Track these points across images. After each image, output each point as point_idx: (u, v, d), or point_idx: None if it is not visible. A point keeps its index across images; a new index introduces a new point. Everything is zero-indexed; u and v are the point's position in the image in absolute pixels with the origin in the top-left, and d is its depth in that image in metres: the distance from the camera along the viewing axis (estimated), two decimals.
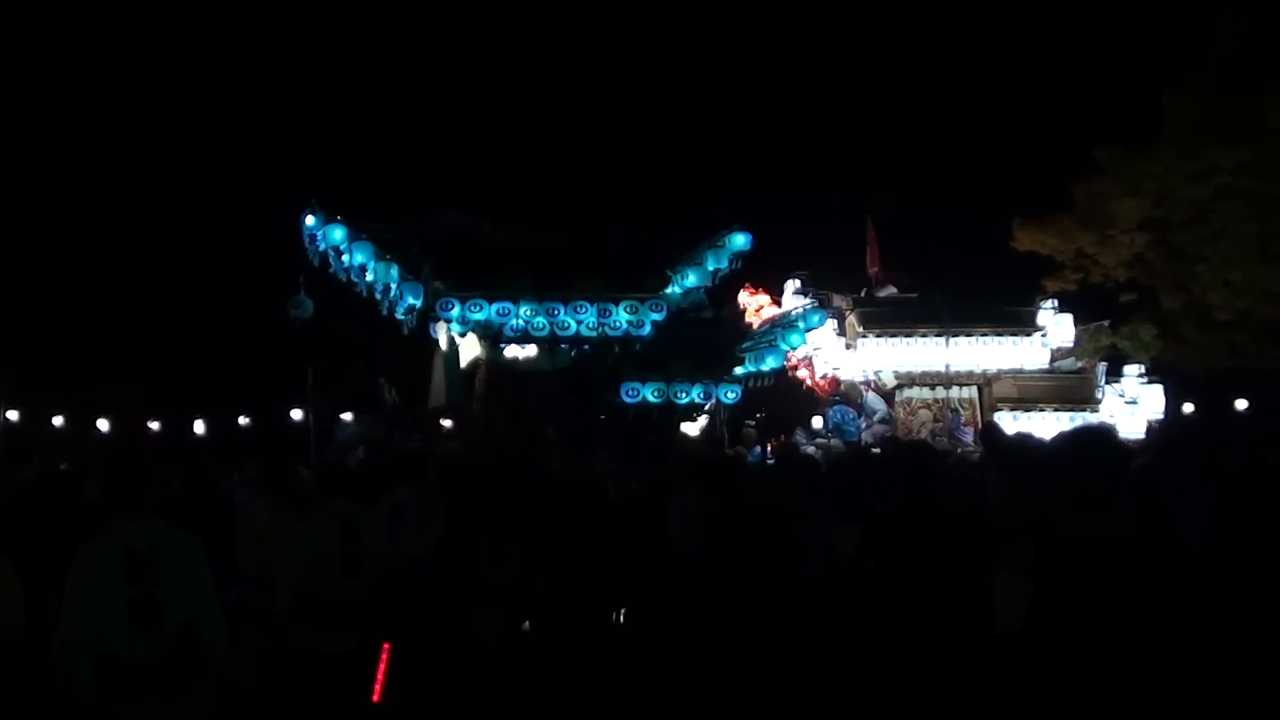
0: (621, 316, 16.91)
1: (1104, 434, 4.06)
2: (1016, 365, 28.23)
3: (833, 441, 24.04)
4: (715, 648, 8.45)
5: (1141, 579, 3.52)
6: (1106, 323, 32.64)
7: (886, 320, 27.29)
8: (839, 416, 26.24)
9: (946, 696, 5.76)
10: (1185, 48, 34.52)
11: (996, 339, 28.20)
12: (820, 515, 9.36)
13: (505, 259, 17.52)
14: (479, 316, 16.60)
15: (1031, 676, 3.59)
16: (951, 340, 27.67)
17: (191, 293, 47.34)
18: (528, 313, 16.70)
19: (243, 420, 42.01)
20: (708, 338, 19.44)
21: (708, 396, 18.71)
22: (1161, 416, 29.07)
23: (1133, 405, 28.39)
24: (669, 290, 18.34)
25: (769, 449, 20.44)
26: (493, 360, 17.42)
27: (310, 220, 16.93)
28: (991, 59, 56.94)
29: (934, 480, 7.39)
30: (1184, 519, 7.33)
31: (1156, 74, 34.69)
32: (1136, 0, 48.47)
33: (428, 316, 18.18)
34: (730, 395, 19.21)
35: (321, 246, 17.54)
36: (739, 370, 19.94)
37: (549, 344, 17.15)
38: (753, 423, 21.10)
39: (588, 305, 16.83)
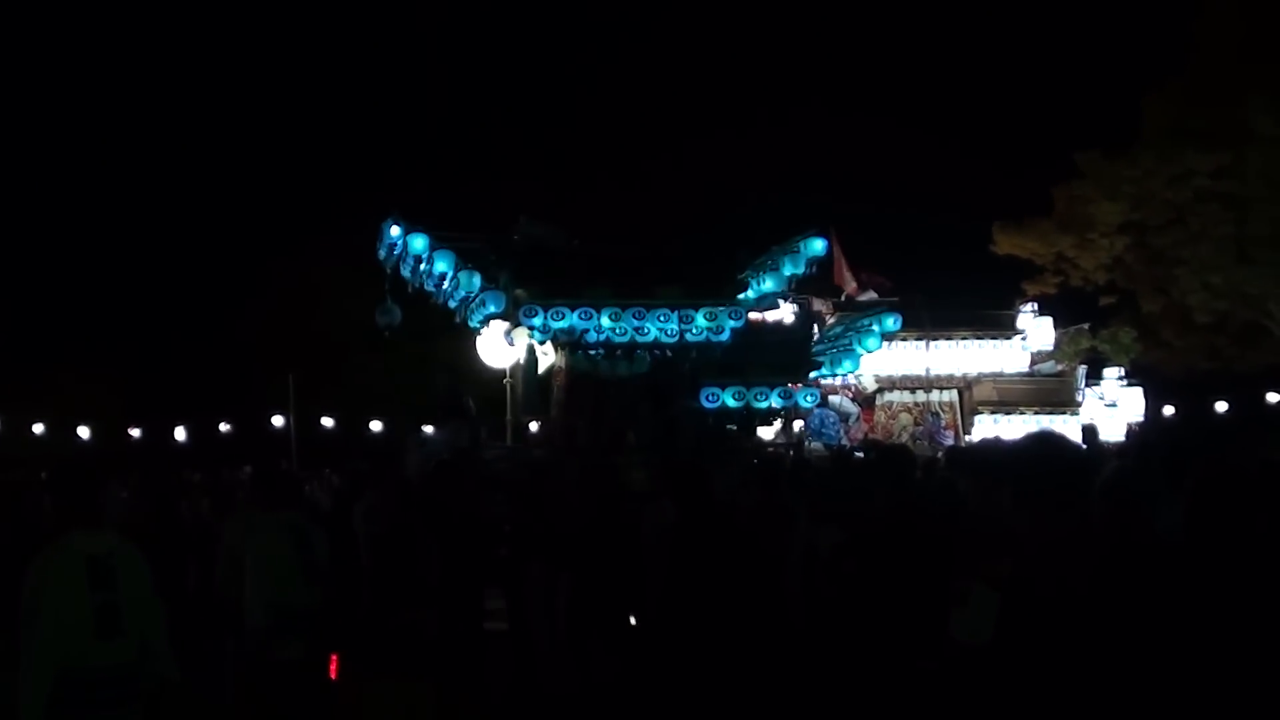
0: (701, 322, 17.04)
1: (1062, 438, 4.08)
2: (997, 369, 28.36)
3: (810, 444, 24.06)
4: (687, 650, 8.47)
5: (1107, 584, 3.54)
6: (1086, 326, 32.74)
7: None
8: (819, 420, 26.26)
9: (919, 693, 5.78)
10: (1164, 53, 34.67)
11: (977, 342, 28.33)
12: (802, 518, 9.39)
13: (584, 267, 17.69)
14: (562, 324, 16.73)
15: (999, 683, 3.62)
16: (932, 344, 27.76)
17: (173, 299, 47.20)
18: (610, 320, 16.80)
19: (224, 426, 42.04)
20: (782, 342, 19.59)
21: (787, 400, 18.84)
22: (1141, 419, 29.19)
23: (1113, 408, 28.50)
24: (745, 295, 18.51)
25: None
26: (572, 367, 17.55)
27: (394, 230, 17.06)
28: (972, 63, 57.03)
29: (914, 484, 7.43)
30: (1162, 521, 7.36)
31: (1135, 79, 34.85)
32: (1116, 5, 48.68)
33: (503, 324, 18.40)
34: (809, 399, 19.46)
35: (395, 252, 17.73)
36: (815, 374, 20.20)
37: (628, 350, 17.25)
38: (734, 427, 21.15)
39: (668, 312, 16.96)
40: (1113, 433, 26.95)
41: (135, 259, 47.05)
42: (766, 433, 20.58)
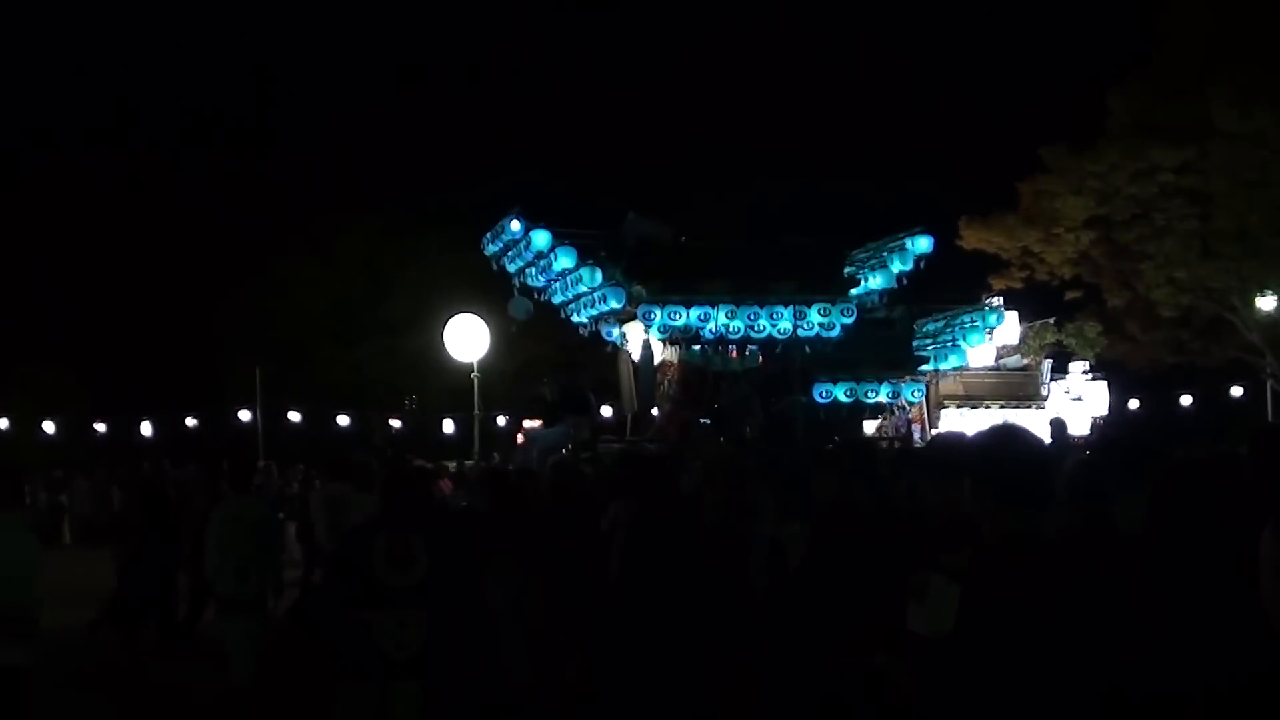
0: (814, 318, 17.11)
1: (1022, 431, 4.10)
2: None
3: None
4: (640, 645, 8.47)
5: (1065, 577, 3.57)
6: (1052, 320, 32.76)
7: None
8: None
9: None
10: (1129, 48, 34.88)
11: None
12: (766, 513, 9.40)
13: (698, 263, 17.78)
14: (680, 322, 16.77)
15: (958, 676, 3.64)
16: None
17: (139, 293, 46.93)
18: (726, 316, 16.87)
19: (191, 421, 41.87)
20: (886, 337, 19.66)
21: (895, 395, 18.99)
22: (1106, 413, 29.31)
23: (1078, 402, 28.59)
24: (856, 292, 18.64)
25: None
26: (684, 361, 17.64)
27: (515, 226, 17.07)
28: (937, 57, 57.24)
29: (869, 472, 7.44)
30: (1127, 515, 7.41)
31: (1101, 74, 35.04)
32: (1080, 1, 48.91)
33: (610, 321, 18.67)
34: (917, 394, 19.68)
35: (513, 247, 17.79)
36: (924, 369, 20.35)
37: (740, 345, 17.33)
38: (707, 421, 21.22)
39: (782, 308, 17.03)
40: (1078, 426, 27.04)
41: (100, 253, 46.76)
42: (869, 426, 20.68)
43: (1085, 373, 29.40)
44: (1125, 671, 4.90)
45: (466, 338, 23.24)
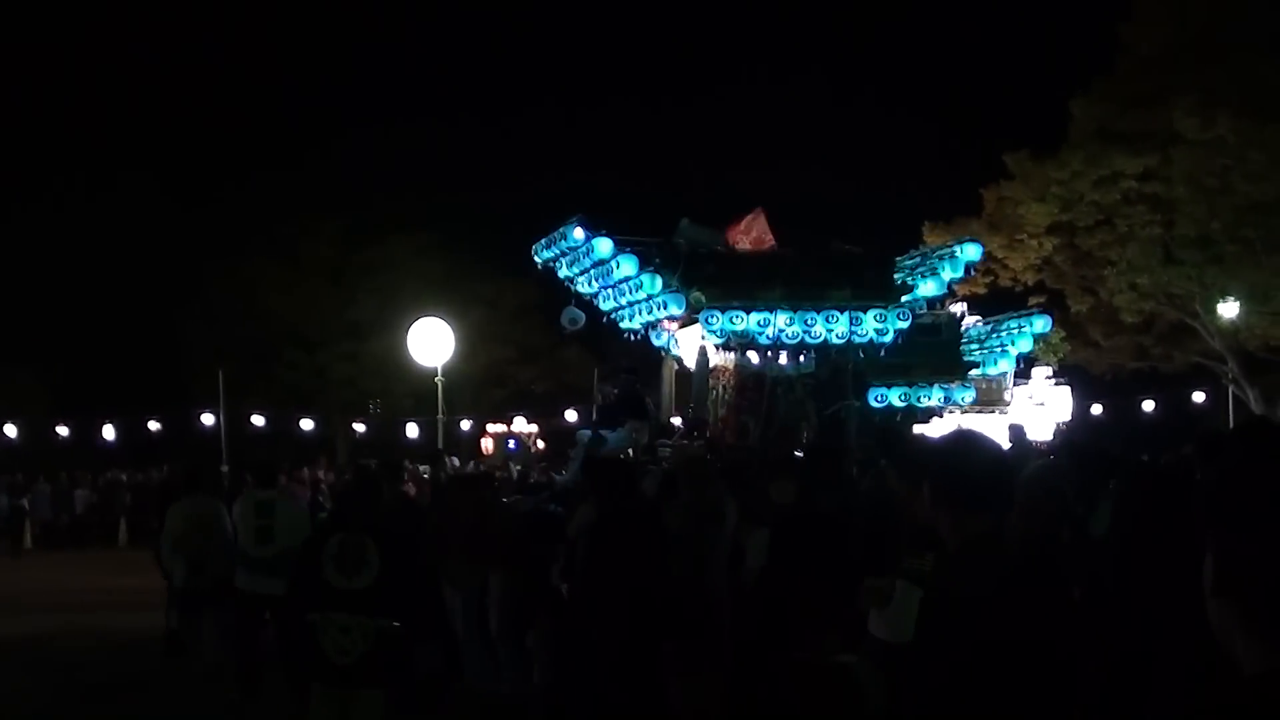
0: (870, 324, 17.25)
1: (981, 436, 4.10)
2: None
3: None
4: (596, 647, 8.46)
5: (1023, 582, 3.57)
6: None
7: None
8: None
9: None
10: (1092, 56, 35.06)
11: None
12: (730, 517, 9.41)
13: (752, 269, 17.88)
14: (741, 327, 16.86)
15: (919, 682, 3.63)
16: None
17: (101, 296, 46.60)
18: (785, 322, 16.97)
19: (153, 424, 41.60)
20: (934, 342, 20.04)
21: (947, 399, 19.17)
22: (1070, 418, 29.43)
23: (1041, 407, 28.69)
24: (909, 298, 18.83)
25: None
26: (741, 366, 17.72)
27: (578, 234, 17.12)
28: (902, 64, 57.44)
29: (830, 477, 7.45)
30: (1095, 520, 7.44)
31: (1064, 81, 35.23)
32: (1044, 8, 49.15)
33: (659, 327, 18.86)
34: (967, 398, 19.86)
35: (556, 250, 17.84)
36: (974, 374, 20.58)
37: (795, 351, 17.44)
38: (679, 421, 21.29)
39: (838, 314, 17.15)
40: (1041, 432, 27.14)
41: (61, 254, 46.42)
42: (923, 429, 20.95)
43: (1049, 378, 29.52)
44: (1089, 679, 4.90)
45: (431, 342, 23.22)
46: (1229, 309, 32.36)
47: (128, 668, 14.19)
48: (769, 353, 17.40)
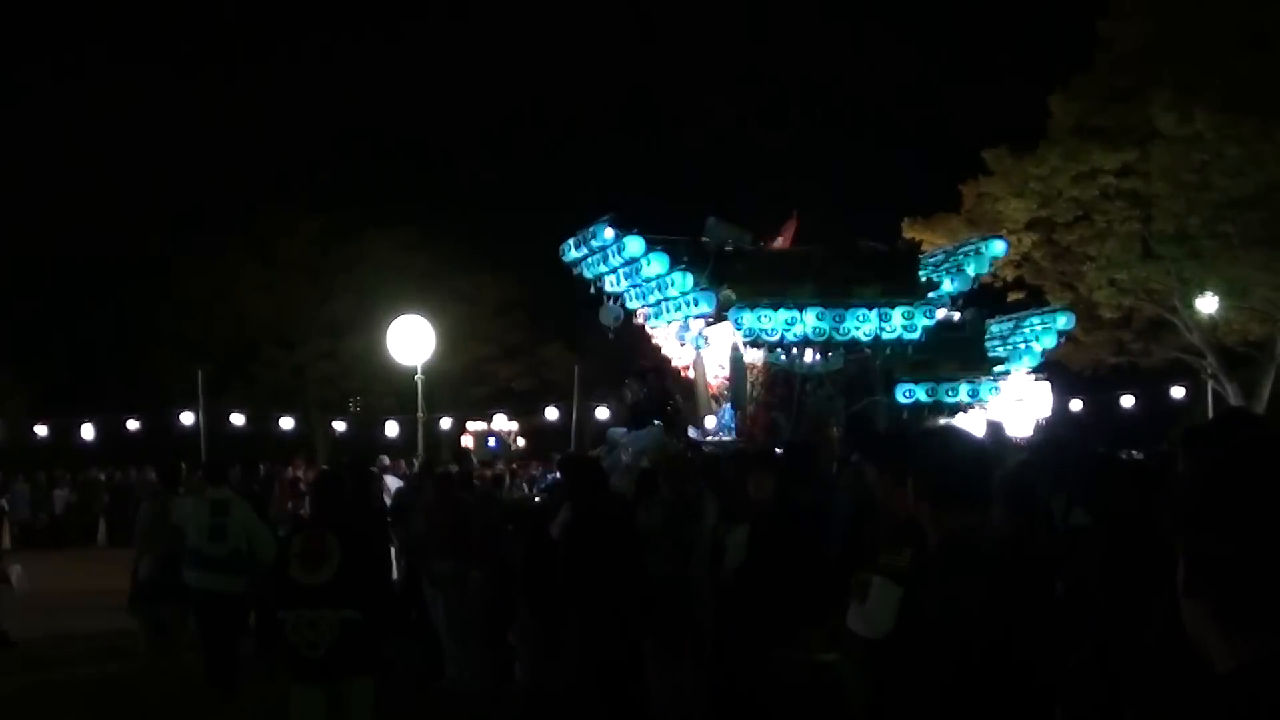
0: (898, 321, 17.32)
1: (962, 432, 4.10)
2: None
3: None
4: (576, 641, 8.47)
5: (1003, 578, 3.56)
6: None
7: None
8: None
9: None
10: (1070, 51, 35.11)
11: None
12: (710, 515, 9.41)
13: (780, 267, 17.91)
14: (769, 325, 16.91)
15: (898, 677, 3.63)
16: None
17: (79, 294, 46.47)
18: (815, 319, 17.02)
19: (132, 424, 41.46)
20: (959, 338, 20.06)
21: (974, 394, 19.20)
22: (1049, 414, 29.50)
23: (1021, 402, 28.75)
24: (935, 295, 18.92)
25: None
26: (770, 363, 17.78)
27: (609, 233, 17.15)
28: (880, 58, 57.53)
29: (807, 473, 7.44)
30: (1074, 517, 7.45)
31: (1042, 77, 35.26)
32: (1023, 5, 49.27)
33: (689, 325, 18.80)
34: (994, 393, 19.91)
35: (585, 250, 17.88)
36: (998, 370, 20.68)
37: (824, 348, 17.51)
38: (659, 421, 21.32)
39: (866, 311, 17.21)
40: (1021, 427, 27.20)
41: (39, 252, 46.27)
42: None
43: (1028, 373, 29.59)
44: (1068, 672, 4.90)
45: (410, 340, 23.16)
46: (1207, 304, 32.44)
47: (110, 669, 14.13)
48: (795, 349, 17.49)
